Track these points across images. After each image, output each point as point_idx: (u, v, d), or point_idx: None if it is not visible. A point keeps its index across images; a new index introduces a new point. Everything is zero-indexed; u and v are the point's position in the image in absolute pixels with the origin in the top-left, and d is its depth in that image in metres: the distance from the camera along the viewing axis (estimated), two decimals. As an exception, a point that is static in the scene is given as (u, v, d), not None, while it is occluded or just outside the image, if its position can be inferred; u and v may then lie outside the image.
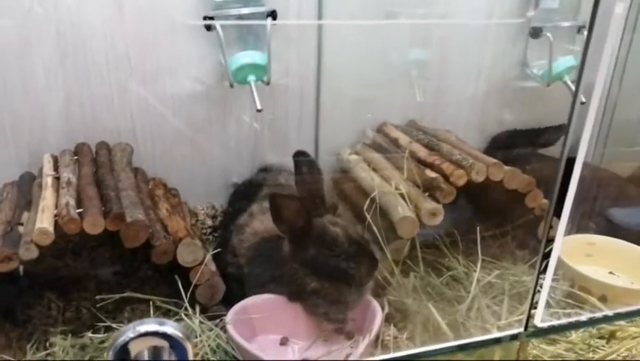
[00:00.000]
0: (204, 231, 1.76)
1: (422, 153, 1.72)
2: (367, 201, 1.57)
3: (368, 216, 1.53)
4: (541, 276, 1.12)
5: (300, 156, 1.44)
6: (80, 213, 1.24)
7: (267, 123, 1.89)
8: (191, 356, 0.62)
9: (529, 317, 0.92)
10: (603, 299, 1.43)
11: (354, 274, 1.27)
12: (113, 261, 1.46)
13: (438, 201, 1.53)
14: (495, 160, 1.57)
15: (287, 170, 1.74)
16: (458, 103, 2.08)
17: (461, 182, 1.53)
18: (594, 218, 1.85)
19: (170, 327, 0.58)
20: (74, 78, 1.64)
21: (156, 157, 1.78)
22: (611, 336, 1.17)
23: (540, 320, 0.90)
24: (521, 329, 0.91)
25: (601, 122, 2.22)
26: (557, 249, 0.88)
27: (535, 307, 1.00)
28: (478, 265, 1.46)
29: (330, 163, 1.98)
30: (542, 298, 0.91)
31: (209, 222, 1.80)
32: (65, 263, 1.42)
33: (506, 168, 1.56)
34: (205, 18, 1.60)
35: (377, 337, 1.26)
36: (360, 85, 1.93)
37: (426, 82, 2.01)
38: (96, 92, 1.67)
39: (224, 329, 1.25)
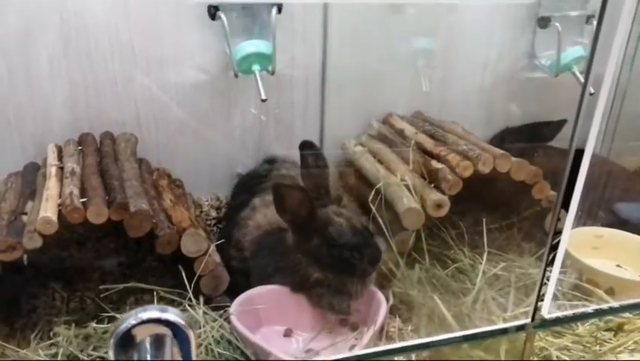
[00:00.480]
0: (208, 222, 1.76)
1: (428, 143, 1.70)
2: (372, 193, 1.56)
3: (373, 208, 1.52)
4: (548, 268, 1.10)
5: (305, 147, 1.43)
6: (83, 203, 1.24)
7: (272, 113, 1.87)
8: (193, 344, 0.61)
9: (536, 308, 0.90)
10: (610, 292, 1.42)
11: (358, 265, 1.26)
12: (117, 251, 1.46)
13: (443, 193, 1.51)
14: (502, 151, 1.55)
15: (290, 161, 1.73)
16: (465, 94, 2.06)
17: (467, 173, 1.51)
18: (601, 211, 1.83)
19: (172, 314, 0.57)
20: (78, 67, 1.63)
21: (160, 147, 1.77)
22: (618, 329, 1.15)
23: (547, 311, 0.89)
24: (528, 320, 0.90)
25: (609, 114, 2.20)
26: (565, 241, 0.86)
27: (542, 299, 0.98)
28: (484, 257, 1.45)
29: (336, 154, 1.96)
30: (550, 289, 0.90)
31: (214, 213, 1.79)
32: (70, 253, 1.42)
33: (513, 159, 1.55)
34: (210, 7, 1.59)
35: (382, 328, 1.25)
36: (366, 75, 1.91)
37: (432, 72, 1.99)
38: (100, 81, 1.66)
39: (228, 319, 1.24)
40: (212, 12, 1.58)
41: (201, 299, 1.31)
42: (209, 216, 1.77)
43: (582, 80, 1.91)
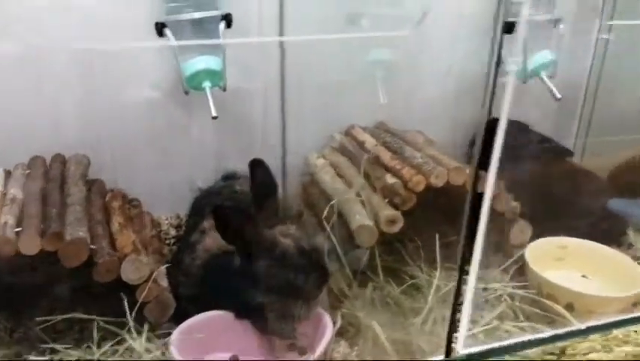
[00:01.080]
0: (168, 241, 1.73)
1: (385, 156, 1.67)
2: (327, 209, 1.53)
3: (327, 225, 1.49)
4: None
5: (254, 165, 1.39)
6: (18, 233, 1.21)
7: (232, 128, 1.85)
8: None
9: (450, 342, 0.85)
10: (570, 307, 1.38)
11: (303, 288, 1.23)
12: (64, 279, 1.42)
13: (397, 208, 1.48)
14: (456, 164, 1.51)
15: (248, 177, 1.69)
16: (432, 101, 2.03)
17: (419, 188, 1.47)
18: (567, 220, 1.79)
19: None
20: (34, 89, 1.61)
21: (118, 167, 1.75)
22: (561, 352, 1.11)
23: (462, 345, 0.84)
24: (441, 357, 0.85)
25: (581, 112, 2.16)
26: (477, 254, 0.81)
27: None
28: (437, 274, 1.41)
29: (299, 168, 1.94)
30: (463, 322, 0.84)
31: (173, 232, 1.77)
32: (14, 282, 1.39)
33: (469, 171, 1.50)
34: (157, 23, 1.56)
35: (325, 353, 1.21)
36: (328, 87, 1.88)
37: (397, 82, 1.95)
38: (56, 103, 1.65)
39: (173, 348, 1.21)
40: (159, 28, 1.54)
41: (145, 327, 1.29)
42: (169, 235, 1.75)
43: (550, 85, 1.88)
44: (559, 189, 1.88)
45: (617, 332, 1.25)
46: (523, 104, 2.05)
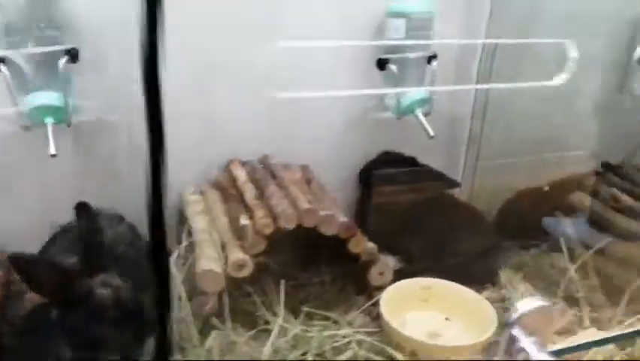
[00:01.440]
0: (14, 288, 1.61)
1: (250, 195, 1.60)
2: (177, 251, 1.46)
3: (174, 269, 1.41)
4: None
5: (79, 208, 1.30)
6: None
7: (94, 163, 1.77)
8: None
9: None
10: (414, 356, 1.34)
11: (117, 341, 1.15)
12: None
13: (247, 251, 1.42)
14: (308, 206, 1.46)
15: (109, 214, 1.60)
16: (318, 135, 1.99)
17: (267, 231, 1.42)
18: (445, 257, 1.77)
19: None
20: None
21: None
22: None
23: None
24: None
25: (469, 135, 2.16)
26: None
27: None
28: (280, 318, 1.35)
29: (174, 205, 1.85)
30: None
31: (24, 275, 1.65)
32: None
33: (321, 213, 1.46)
34: (-6, 57, 1.47)
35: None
36: (208, 117, 1.82)
37: (283, 113, 1.91)
38: None
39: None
40: (-4, 62, 1.46)
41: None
42: (16, 280, 1.63)
43: (424, 123, 1.87)
44: (439, 225, 1.87)
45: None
46: (400, 139, 2.05)
